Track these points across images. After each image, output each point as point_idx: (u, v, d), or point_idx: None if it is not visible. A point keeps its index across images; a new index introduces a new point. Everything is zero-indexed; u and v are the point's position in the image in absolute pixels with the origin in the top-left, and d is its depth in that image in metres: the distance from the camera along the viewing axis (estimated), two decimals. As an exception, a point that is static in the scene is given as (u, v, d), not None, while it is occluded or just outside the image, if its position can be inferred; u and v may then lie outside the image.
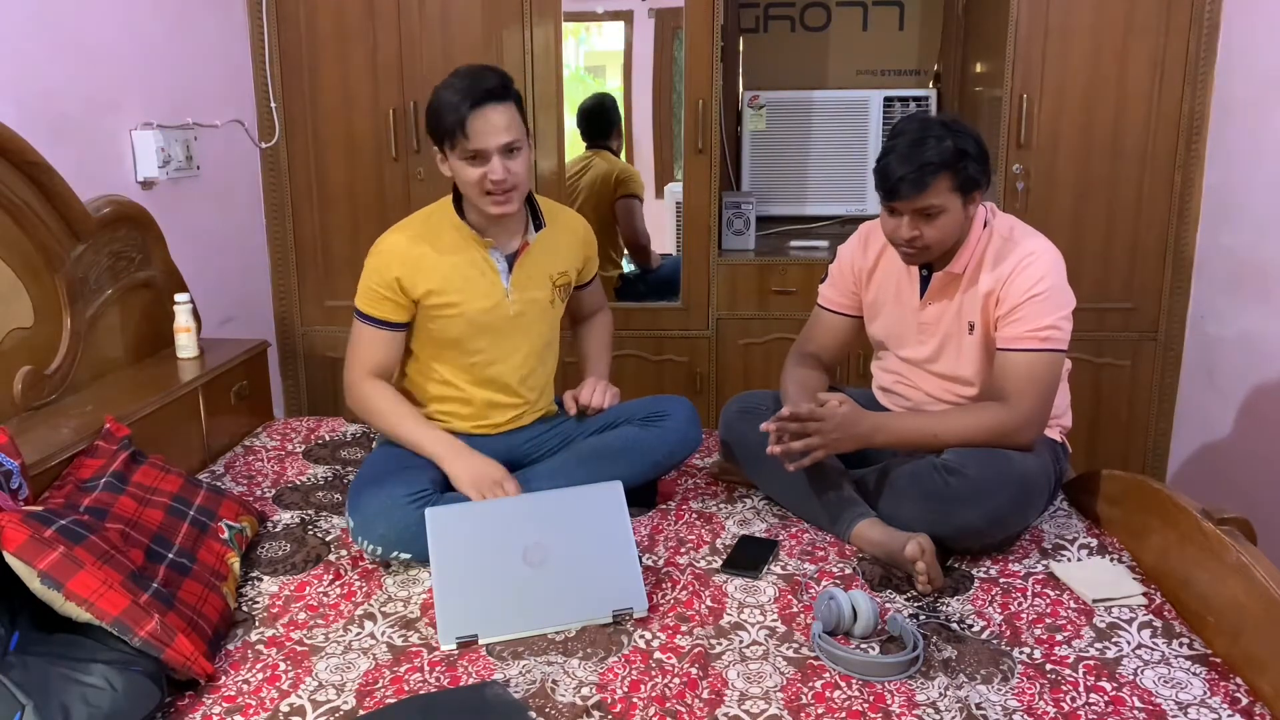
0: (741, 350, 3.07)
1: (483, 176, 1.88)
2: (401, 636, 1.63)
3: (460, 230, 2.00)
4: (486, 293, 2.01)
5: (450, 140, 1.88)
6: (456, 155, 1.90)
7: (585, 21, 3.42)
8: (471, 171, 1.89)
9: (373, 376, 2.02)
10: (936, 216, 1.85)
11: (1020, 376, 1.88)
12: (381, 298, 1.98)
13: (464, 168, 1.90)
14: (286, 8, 2.96)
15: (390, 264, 1.97)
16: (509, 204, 1.93)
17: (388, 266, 1.97)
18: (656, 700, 1.44)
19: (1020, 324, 1.88)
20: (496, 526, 1.72)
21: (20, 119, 1.99)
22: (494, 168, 1.87)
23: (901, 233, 1.88)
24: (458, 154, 1.89)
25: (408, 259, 1.97)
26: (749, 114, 3.31)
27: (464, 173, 1.90)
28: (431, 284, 1.98)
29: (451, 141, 1.88)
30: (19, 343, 2.00)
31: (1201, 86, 2.78)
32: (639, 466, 2.04)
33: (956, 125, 1.86)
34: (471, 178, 1.89)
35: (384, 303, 1.99)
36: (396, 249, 1.99)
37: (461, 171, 1.91)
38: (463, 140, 1.86)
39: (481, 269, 2.01)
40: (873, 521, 1.90)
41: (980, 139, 1.88)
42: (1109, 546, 1.90)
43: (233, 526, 1.85)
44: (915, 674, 1.50)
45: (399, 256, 1.98)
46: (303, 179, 3.08)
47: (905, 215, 1.87)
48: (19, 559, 1.39)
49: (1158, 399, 2.99)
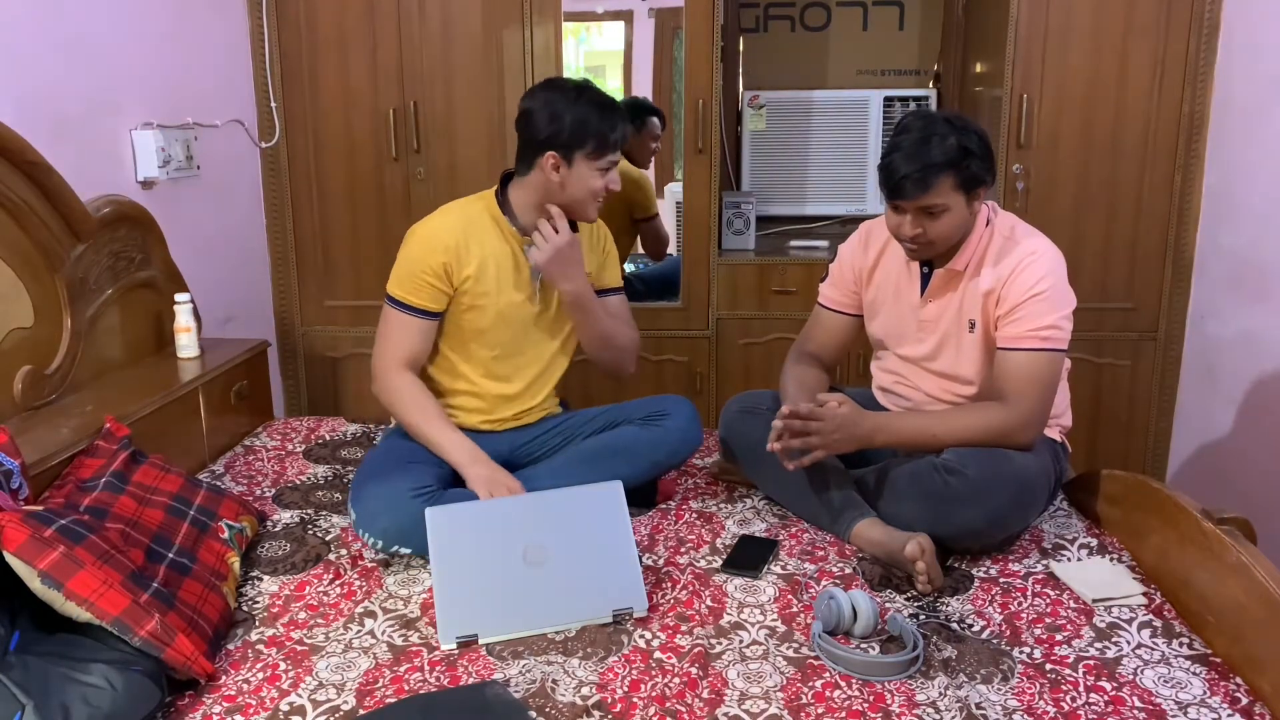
0: (741, 350, 3.07)
1: (605, 185, 2.00)
2: (401, 636, 1.63)
3: (501, 225, 2.04)
4: (518, 287, 2.05)
5: (599, 147, 1.96)
6: (592, 162, 1.97)
7: (585, 21, 3.42)
8: (599, 180, 1.99)
9: (403, 367, 2.02)
10: (940, 215, 1.86)
11: (1020, 376, 1.88)
12: (424, 284, 1.99)
13: (594, 175, 1.98)
14: (286, 8, 2.96)
15: (435, 250, 1.99)
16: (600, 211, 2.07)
17: (433, 252, 1.99)
18: (656, 700, 1.44)
19: (1021, 323, 1.88)
20: (496, 526, 1.72)
21: (20, 119, 1.99)
22: (615, 178, 2.01)
23: (905, 230, 1.89)
24: (596, 162, 1.97)
25: (451, 246, 2.00)
26: (749, 114, 3.31)
27: (591, 180, 1.98)
28: (472, 270, 2.01)
29: (600, 149, 1.96)
30: (19, 343, 2.00)
31: (1201, 87, 2.78)
32: (639, 466, 2.05)
33: (961, 122, 1.86)
34: (597, 185, 1.99)
35: (426, 289, 2.00)
36: (440, 235, 2.01)
37: (587, 179, 1.98)
38: (612, 151, 1.98)
39: (516, 264, 2.05)
40: (873, 521, 1.90)
41: (985, 135, 1.88)
42: (1109, 546, 1.90)
43: (233, 526, 1.85)
44: (915, 674, 1.50)
45: (443, 243, 2.00)
46: (303, 179, 3.08)
47: (909, 213, 1.87)
48: (19, 559, 1.39)
49: (1158, 399, 2.99)
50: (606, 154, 1.97)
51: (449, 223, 2.03)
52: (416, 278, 1.99)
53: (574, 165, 1.97)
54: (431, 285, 1.99)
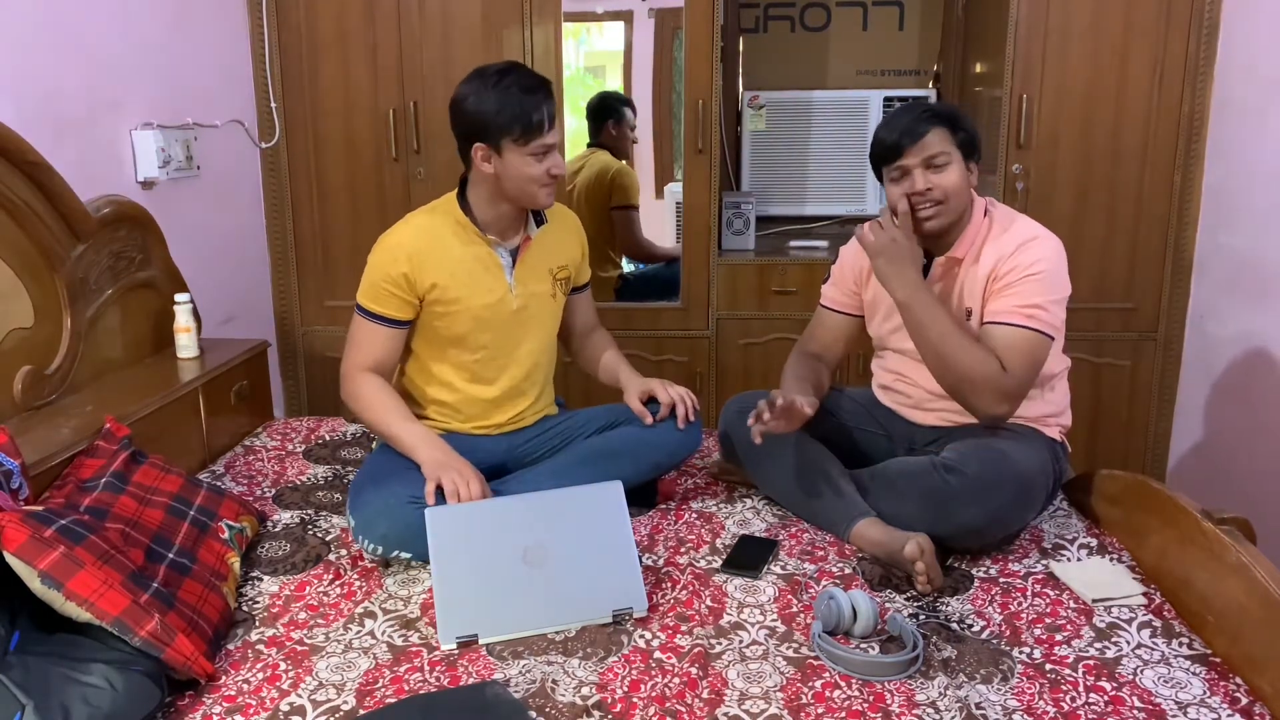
0: (741, 350, 3.07)
1: (547, 170, 1.93)
2: (402, 636, 1.63)
3: (465, 227, 2.01)
4: (491, 288, 2.02)
5: (525, 133, 1.88)
6: (522, 149, 1.90)
7: (585, 21, 3.42)
8: (537, 166, 1.92)
9: (367, 372, 2.01)
10: (944, 167, 1.88)
11: (1004, 345, 1.85)
12: (387, 294, 1.98)
13: (528, 161, 1.91)
14: (286, 8, 2.96)
15: (397, 259, 1.97)
16: (554, 195, 1.99)
17: (394, 262, 1.97)
18: (656, 700, 1.44)
19: (1009, 299, 1.87)
20: (496, 526, 1.71)
21: (20, 119, 1.99)
22: (558, 160, 1.94)
23: (917, 183, 1.89)
24: (526, 148, 1.90)
25: (414, 254, 1.97)
26: (749, 114, 3.31)
27: (526, 167, 1.91)
28: (438, 279, 1.98)
29: (526, 134, 1.89)
30: (19, 343, 2.00)
31: (1201, 86, 2.78)
32: (639, 466, 2.04)
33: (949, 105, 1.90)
34: (535, 171, 1.92)
35: (390, 299, 1.99)
36: (403, 244, 1.99)
37: (523, 165, 1.91)
38: (538, 135, 1.89)
39: (486, 264, 2.02)
40: (872, 521, 1.90)
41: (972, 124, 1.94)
42: (1109, 546, 1.90)
43: (233, 526, 1.85)
44: (915, 674, 1.50)
45: (405, 252, 1.98)
46: (303, 179, 3.09)
47: (914, 170, 1.89)
48: (19, 559, 1.39)
49: (1158, 399, 2.99)
50: (534, 138, 1.89)
51: (410, 233, 2.00)
52: (378, 287, 1.98)
53: (504, 154, 1.91)
54: (393, 294, 1.98)
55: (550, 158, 1.93)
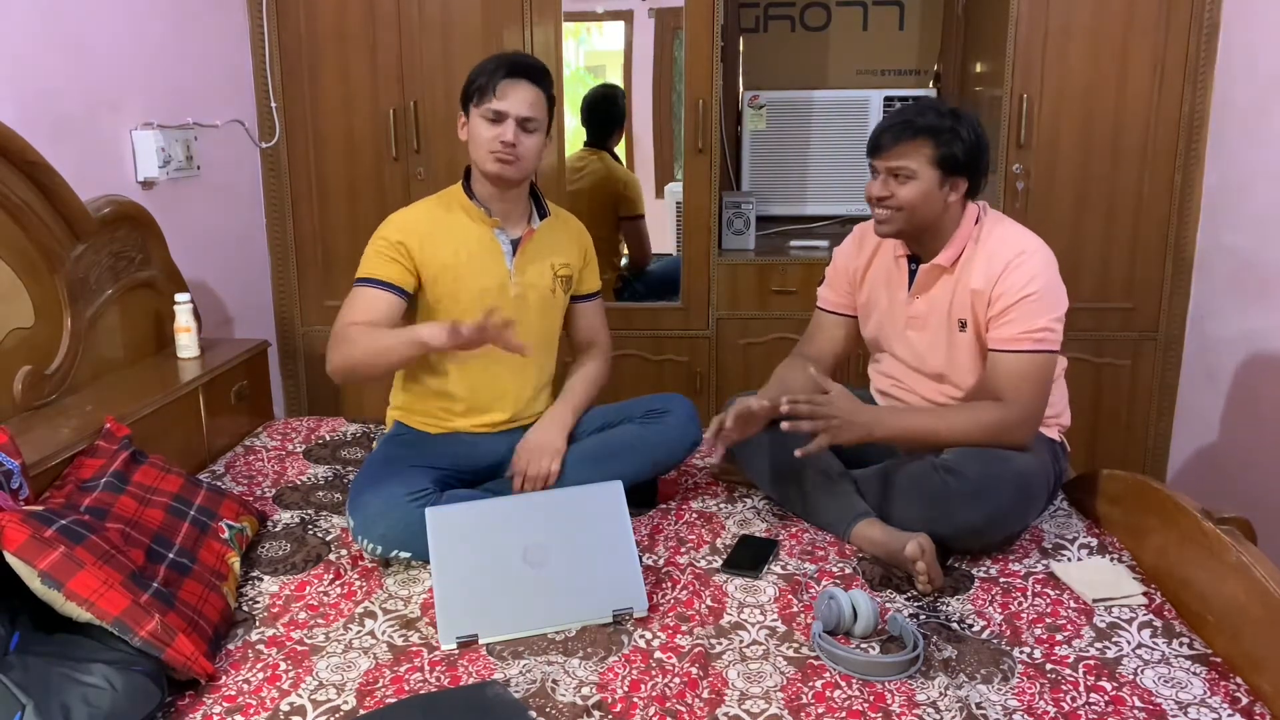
0: (741, 350, 3.07)
1: (495, 137, 1.96)
2: (402, 636, 1.63)
3: (469, 210, 2.06)
4: (491, 270, 2.05)
5: (479, 96, 1.97)
6: (479, 113, 1.97)
7: (585, 21, 3.42)
8: (487, 131, 1.97)
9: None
10: (906, 181, 1.88)
11: (1015, 375, 1.87)
12: (387, 259, 2.01)
13: (482, 126, 1.97)
14: (286, 8, 2.96)
15: (397, 231, 2.03)
16: (510, 169, 1.98)
17: (396, 232, 2.03)
18: (656, 700, 1.44)
19: (1013, 325, 1.87)
20: (496, 526, 1.72)
21: (20, 119, 1.99)
22: (507, 129, 1.95)
23: (874, 190, 1.92)
24: (480, 111, 1.97)
25: (416, 230, 2.03)
26: (749, 114, 3.31)
27: (480, 131, 1.97)
28: (440, 255, 2.02)
29: (480, 98, 1.97)
30: (19, 343, 2.00)
31: (1201, 87, 2.78)
32: (639, 465, 2.05)
33: (962, 112, 1.90)
34: (485, 135, 1.97)
35: (389, 264, 2.00)
36: (405, 221, 2.06)
37: (478, 130, 1.98)
38: (490, 98, 1.95)
39: (487, 247, 2.06)
40: (873, 521, 1.90)
41: (982, 135, 1.90)
42: (1109, 546, 1.90)
43: (233, 526, 1.85)
44: (915, 674, 1.50)
45: (407, 227, 2.04)
46: (303, 179, 3.08)
47: (880, 173, 1.91)
48: (19, 559, 1.39)
49: (1158, 399, 2.99)
50: (485, 100, 1.96)
51: (413, 214, 2.09)
52: (378, 254, 2.02)
53: (471, 120, 2.00)
54: (389, 258, 2.00)
55: (501, 126, 1.96)
